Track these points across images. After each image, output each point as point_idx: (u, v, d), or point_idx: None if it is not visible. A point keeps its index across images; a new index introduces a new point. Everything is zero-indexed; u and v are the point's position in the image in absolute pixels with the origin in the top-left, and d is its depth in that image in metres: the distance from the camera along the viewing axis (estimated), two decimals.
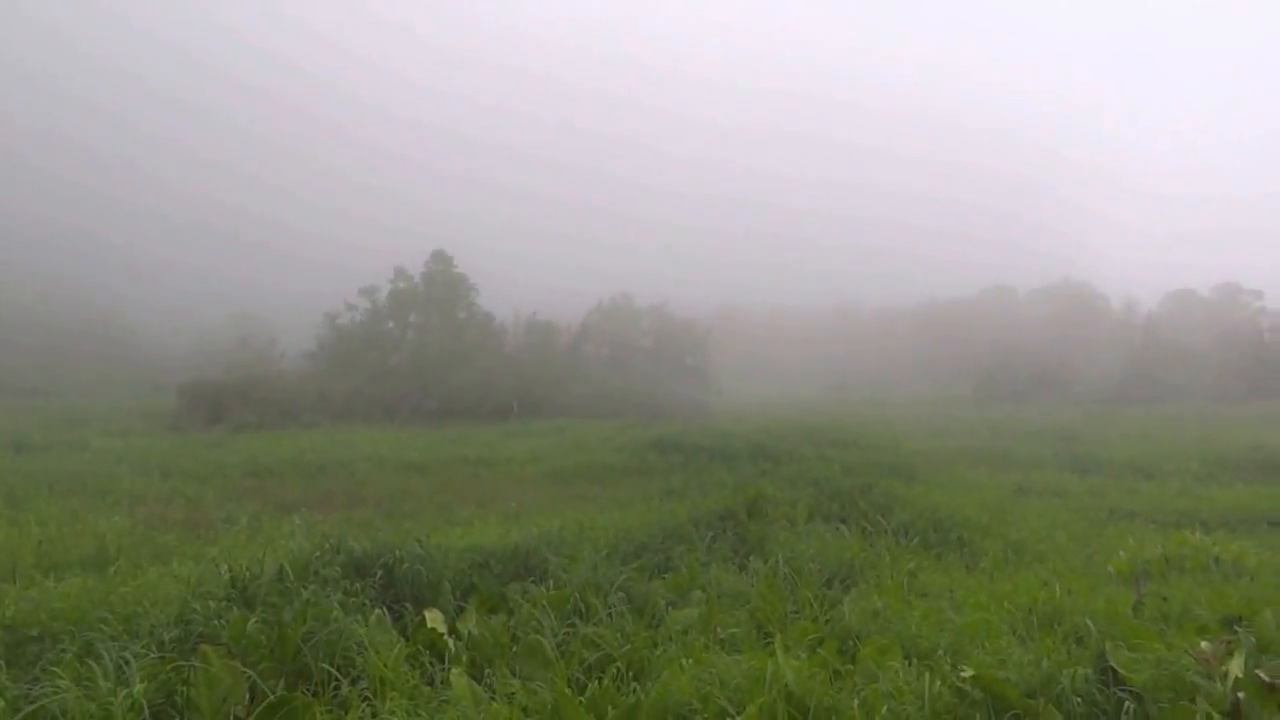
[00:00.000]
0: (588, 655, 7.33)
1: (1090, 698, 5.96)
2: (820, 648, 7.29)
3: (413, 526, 12.56)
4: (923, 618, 8.04)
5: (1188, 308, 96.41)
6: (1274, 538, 14.21)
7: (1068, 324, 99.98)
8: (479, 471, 26.33)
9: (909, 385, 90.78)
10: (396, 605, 8.55)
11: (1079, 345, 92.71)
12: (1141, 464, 27.75)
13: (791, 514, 13.44)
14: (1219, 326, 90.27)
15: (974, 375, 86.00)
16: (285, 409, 53.06)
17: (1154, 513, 17.63)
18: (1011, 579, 9.98)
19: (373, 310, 68.63)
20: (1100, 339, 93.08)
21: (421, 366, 63.12)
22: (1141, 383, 75.86)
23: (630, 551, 10.76)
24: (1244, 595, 8.61)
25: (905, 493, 16.77)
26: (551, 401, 58.98)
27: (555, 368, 68.24)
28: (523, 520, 14.52)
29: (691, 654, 7.04)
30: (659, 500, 16.97)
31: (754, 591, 9.21)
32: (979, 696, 5.95)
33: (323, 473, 25.33)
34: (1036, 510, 18.16)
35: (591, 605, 8.43)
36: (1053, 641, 6.94)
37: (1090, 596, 8.65)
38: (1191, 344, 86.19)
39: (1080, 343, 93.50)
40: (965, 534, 13.34)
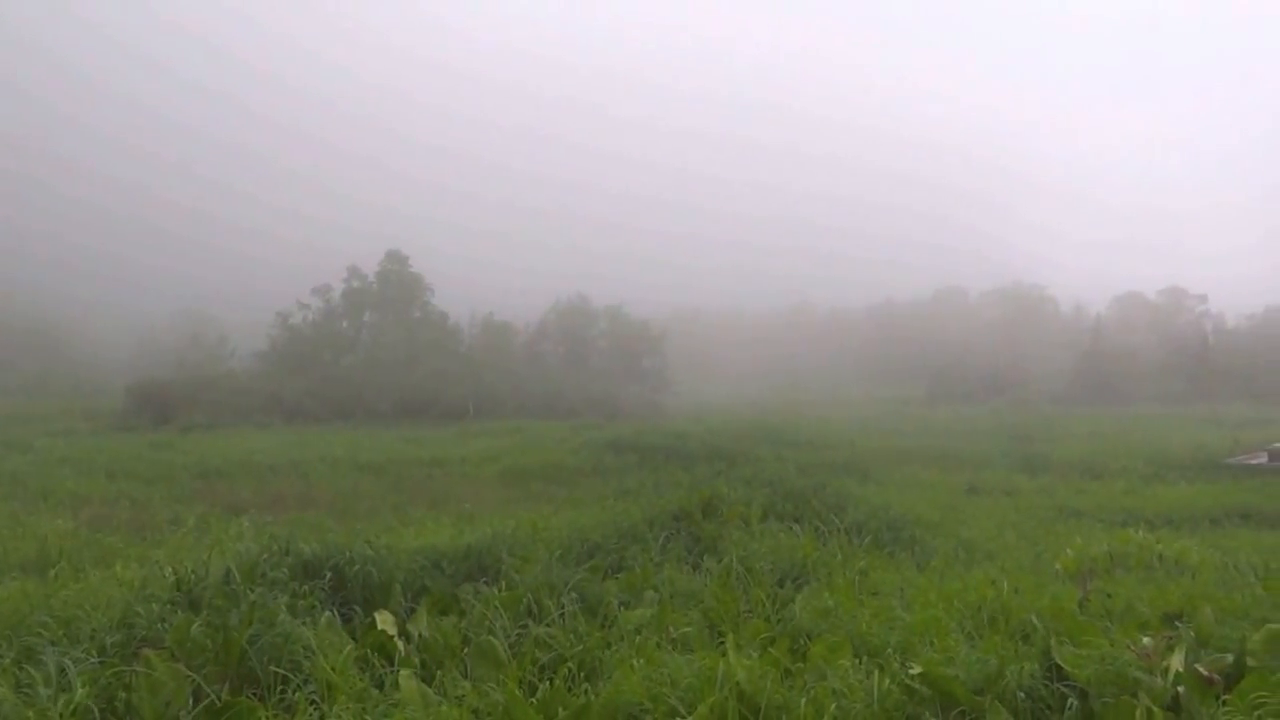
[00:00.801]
0: (540, 656, 7.31)
1: (1035, 693, 6.05)
2: (772, 647, 7.33)
3: (364, 528, 12.46)
4: (873, 616, 8.10)
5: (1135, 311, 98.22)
6: (1215, 535, 14.51)
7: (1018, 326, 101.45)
8: (433, 472, 26.16)
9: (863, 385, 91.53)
10: (346, 607, 8.46)
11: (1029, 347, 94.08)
12: (1089, 464, 28.19)
13: (746, 514, 13.47)
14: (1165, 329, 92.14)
15: (927, 376, 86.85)
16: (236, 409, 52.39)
17: (1101, 511, 17.92)
18: (961, 577, 10.08)
19: (326, 310, 68.04)
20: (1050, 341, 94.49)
21: (376, 366, 62.64)
22: (1090, 384, 77.12)
23: (584, 552, 10.73)
24: (1185, 592, 8.78)
25: (858, 492, 16.93)
26: (507, 401, 58.78)
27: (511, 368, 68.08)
28: (477, 521, 14.45)
29: (643, 654, 7.05)
30: (614, 500, 16.95)
31: (707, 591, 9.24)
32: (927, 694, 6.01)
33: (273, 474, 25.03)
34: (987, 509, 18.39)
35: (544, 606, 8.41)
36: (1000, 639, 7.02)
37: (1037, 594, 8.76)
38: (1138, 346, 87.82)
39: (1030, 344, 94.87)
40: (917, 533, 13.47)
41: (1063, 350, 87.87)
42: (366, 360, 64.83)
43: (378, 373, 61.14)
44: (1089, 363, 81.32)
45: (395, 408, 55.27)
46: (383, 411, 54.56)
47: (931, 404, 74.56)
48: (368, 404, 55.92)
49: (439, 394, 57.67)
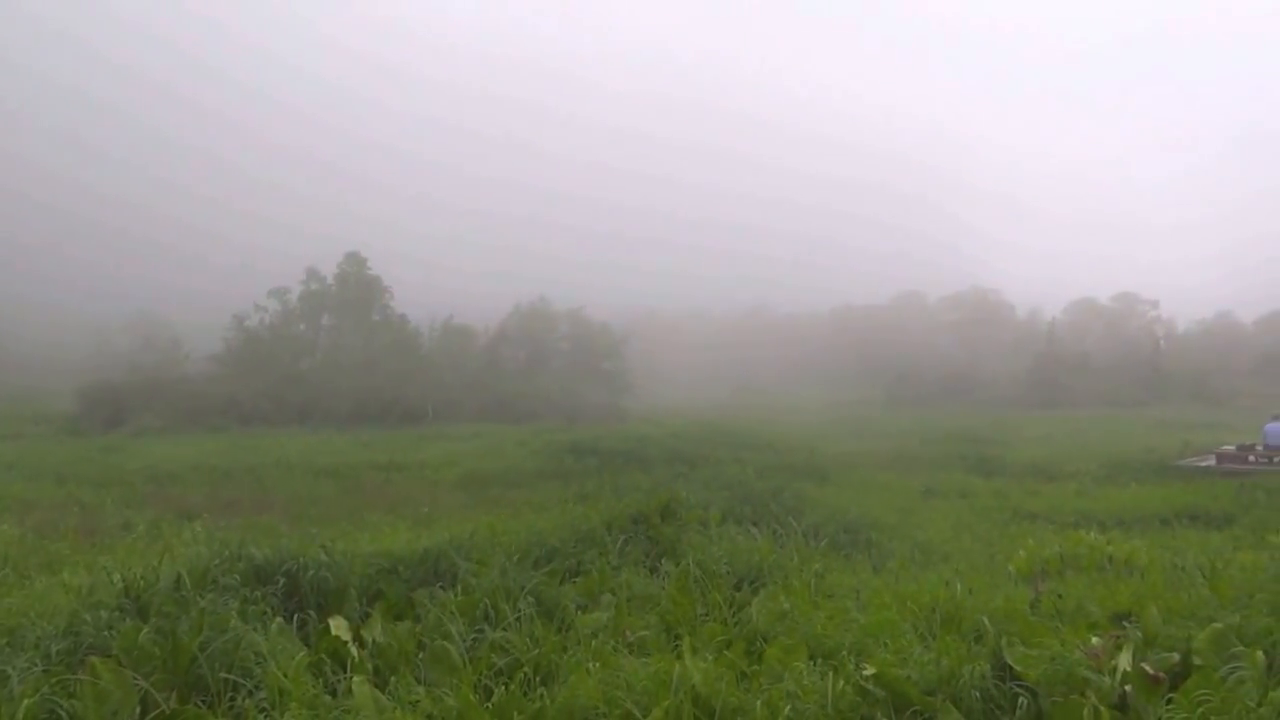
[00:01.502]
0: (496, 661, 7.27)
1: (987, 693, 6.11)
2: (728, 649, 7.35)
3: (320, 532, 12.32)
4: (829, 618, 8.14)
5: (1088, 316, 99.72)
6: (1164, 536, 14.74)
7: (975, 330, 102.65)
8: (391, 476, 25.99)
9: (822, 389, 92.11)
10: (300, 613, 8.37)
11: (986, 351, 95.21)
12: (1043, 466, 28.60)
13: (704, 517, 13.51)
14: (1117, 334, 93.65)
15: (885, 379, 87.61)
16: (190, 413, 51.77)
17: (1054, 513, 18.17)
18: (916, 579, 10.17)
19: (283, 312, 67.34)
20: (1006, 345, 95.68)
21: (334, 370, 62.10)
22: (1044, 387, 78.18)
23: (542, 556, 10.69)
24: (1134, 592, 8.91)
25: (816, 495, 17.06)
26: (467, 405, 58.54)
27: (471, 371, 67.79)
28: (434, 525, 14.35)
29: (599, 657, 7.04)
30: (573, 504, 16.92)
31: (664, 595, 9.24)
32: (880, 694, 6.05)
33: (227, 478, 24.76)
34: (943, 512, 18.59)
35: (501, 610, 8.37)
36: (953, 640, 7.08)
37: (991, 595, 8.85)
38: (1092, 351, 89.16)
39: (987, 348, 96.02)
40: (873, 535, 13.59)
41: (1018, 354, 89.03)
42: (324, 363, 64.27)
43: (335, 376, 60.61)
44: (1044, 366, 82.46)
45: (353, 411, 54.83)
46: (340, 415, 54.11)
47: (890, 407, 75.17)
48: (325, 408, 55.44)
49: (398, 398, 57.30)
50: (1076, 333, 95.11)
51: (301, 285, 68.09)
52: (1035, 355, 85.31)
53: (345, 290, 67.56)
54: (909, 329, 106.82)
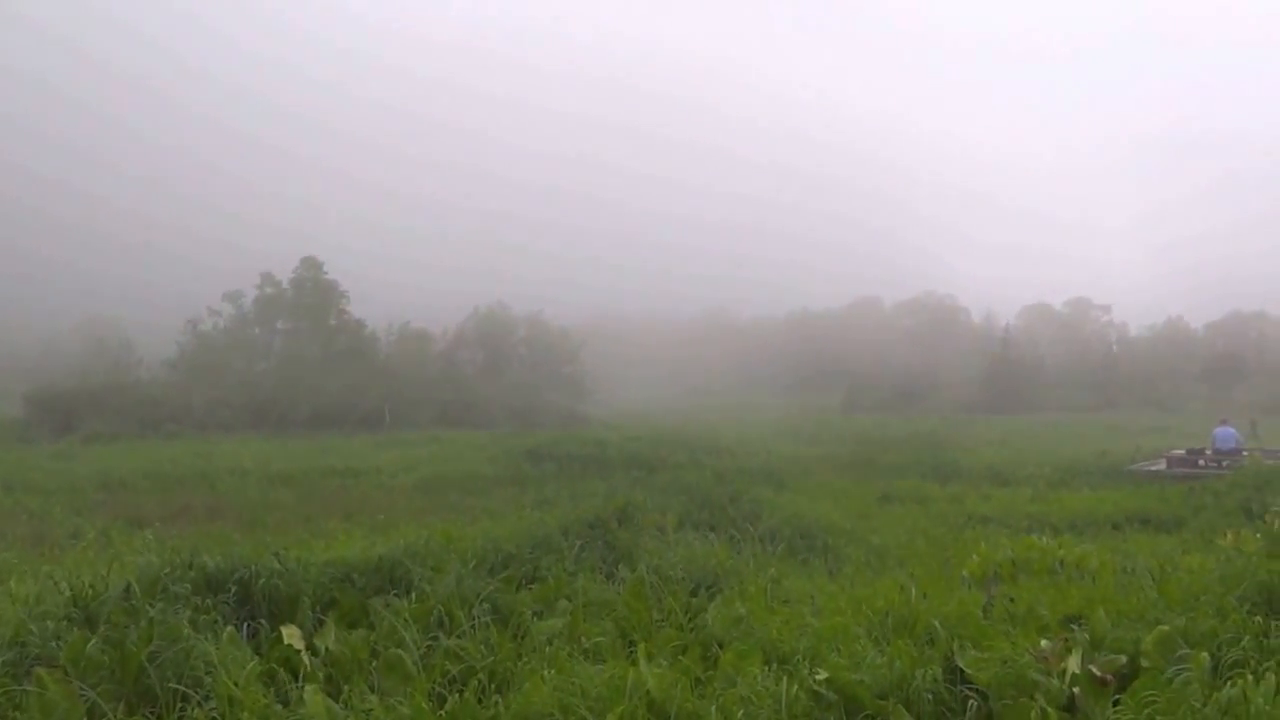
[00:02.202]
0: (450, 668, 7.23)
1: (939, 696, 6.16)
2: (683, 655, 7.36)
3: (273, 540, 12.19)
4: (784, 623, 8.18)
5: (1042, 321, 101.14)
6: (1116, 540, 14.96)
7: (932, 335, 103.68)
8: (347, 482, 25.80)
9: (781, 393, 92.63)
10: (252, 622, 8.27)
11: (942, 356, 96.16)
12: (998, 471, 28.93)
13: (661, 522, 13.53)
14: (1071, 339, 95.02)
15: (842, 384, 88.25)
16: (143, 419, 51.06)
17: (1008, 518, 18.38)
18: (871, 584, 10.26)
19: (238, 316, 66.63)
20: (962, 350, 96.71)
21: (289, 375, 61.48)
22: (999, 392, 79.15)
23: (498, 562, 10.64)
24: (1085, 595, 9.03)
25: (773, 500, 17.11)
26: (425, 410, 58.22)
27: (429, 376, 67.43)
28: (390, 532, 14.24)
29: (554, 664, 7.02)
30: (530, 510, 16.89)
31: (620, 600, 9.23)
32: (833, 699, 6.09)
33: (181, 485, 24.44)
34: (898, 516, 18.74)
35: (456, 617, 8.32)
36: (906, 644, 7.13)
37: (944, 599, 8.92)
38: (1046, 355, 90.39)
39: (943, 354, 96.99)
40: (830, 540, 13.68)
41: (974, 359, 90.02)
42: (279, 369, 63.62)
43: (291, 382, 60.03)
44: (998, 372, 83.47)
45: (309, 417, 54.32)
46: (296, 421, 53.59)
47: (847, 412, 75.76)
48: (281, 414, 54.88)
49: (354, 403, 56.88)
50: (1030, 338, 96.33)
51: (256, 289, 67.40)
52: (990, 360, 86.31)
53: (301, 295, 66.95)
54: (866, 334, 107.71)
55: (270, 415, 54.72)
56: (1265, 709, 5.52)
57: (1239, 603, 7.55)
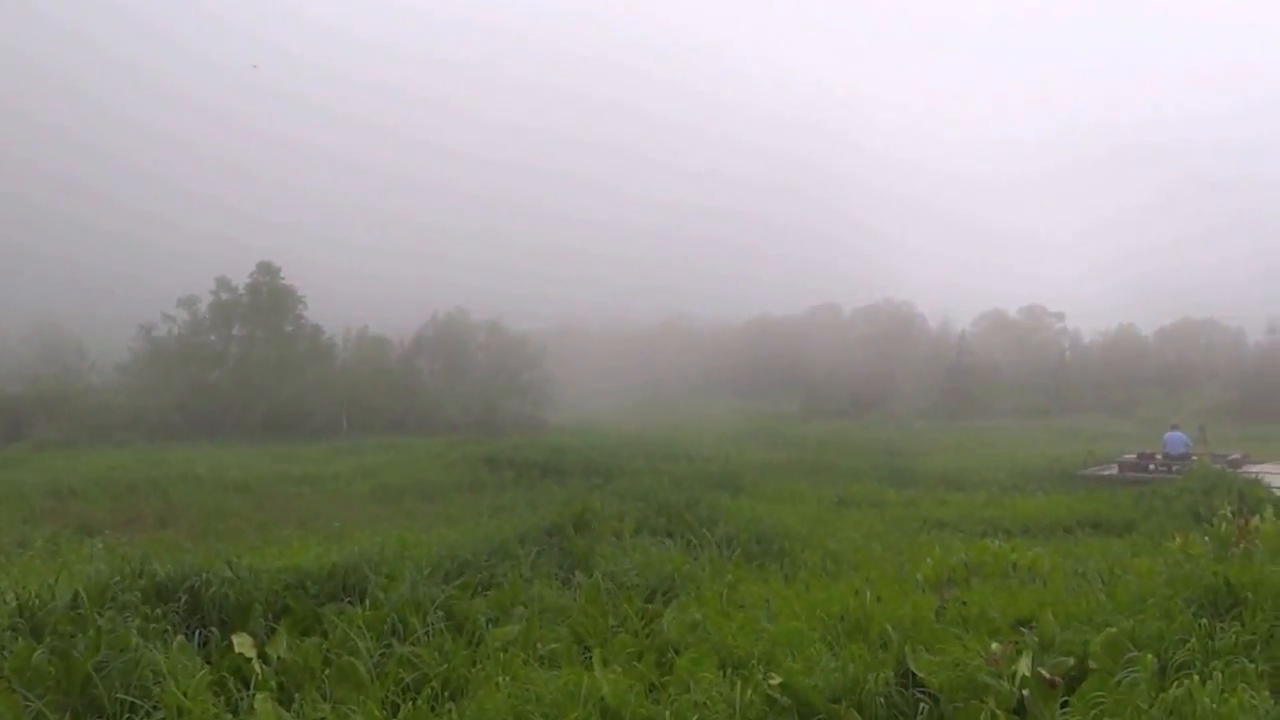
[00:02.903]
0: (404, 676, 7.17)
1: (891, 700, 6.21)
2: (639, 661, 7.36)
3: (226, 547, 12.04)
4: (740, 628, 8.20)
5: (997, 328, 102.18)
6: (1067, 544, 15.14)
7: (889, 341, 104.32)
8: (303, 490, 25.54)
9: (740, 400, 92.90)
10: (202, 630, 8.16)
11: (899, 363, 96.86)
12: (953, 476, 29.20)
13: (619, 528, 13.52)
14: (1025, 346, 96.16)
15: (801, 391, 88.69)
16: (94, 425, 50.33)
17: (962, 522, 18.55)
18: (826, 588, 10.31)
19: (192, 322, 65.62)
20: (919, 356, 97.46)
21: (245, 381, 60.74)
22: (955, 398, 79.97)
23: (454, 569, 10.58)
24: (1036, 598, 9.14)
25: (730, 505, 17.15)
26: (383, 417, 57.86)
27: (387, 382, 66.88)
28: (345, 539, 14.11)
29: (509, 671, 6.99)
30: (488, 517, 16.82)
31: (576, 607, 9.22)
32: (787, 703, 6.12)
33: (132, 492, 24.06)
34: (855, 521, 18.85)
35: (410, 625, 8.26)
36: (859, 648, 7.18)
37: (899, 603, 8.99)
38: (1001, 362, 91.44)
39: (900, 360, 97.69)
40: (786, 545, 13.71)
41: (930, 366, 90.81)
42: (235, 375, 62.76)
43: (247, 388, 59.35)
44: (954, 378, 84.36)
45: (265, 424, 53.78)
46: (252, 428, 53.04)
47: (805, 418, 76.10)
48: (236, 420, 54.29)
49: (311, 410, 56.39)
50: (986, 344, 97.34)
51: (211, 295, 66.47)
52: (946, 367, 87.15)
53: (257, 300, 66.10)
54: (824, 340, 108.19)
55: (225, 422, 54.11)
56: (1211, 709, 5.62)
57: (1186, 605, 7.68)
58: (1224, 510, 12.40)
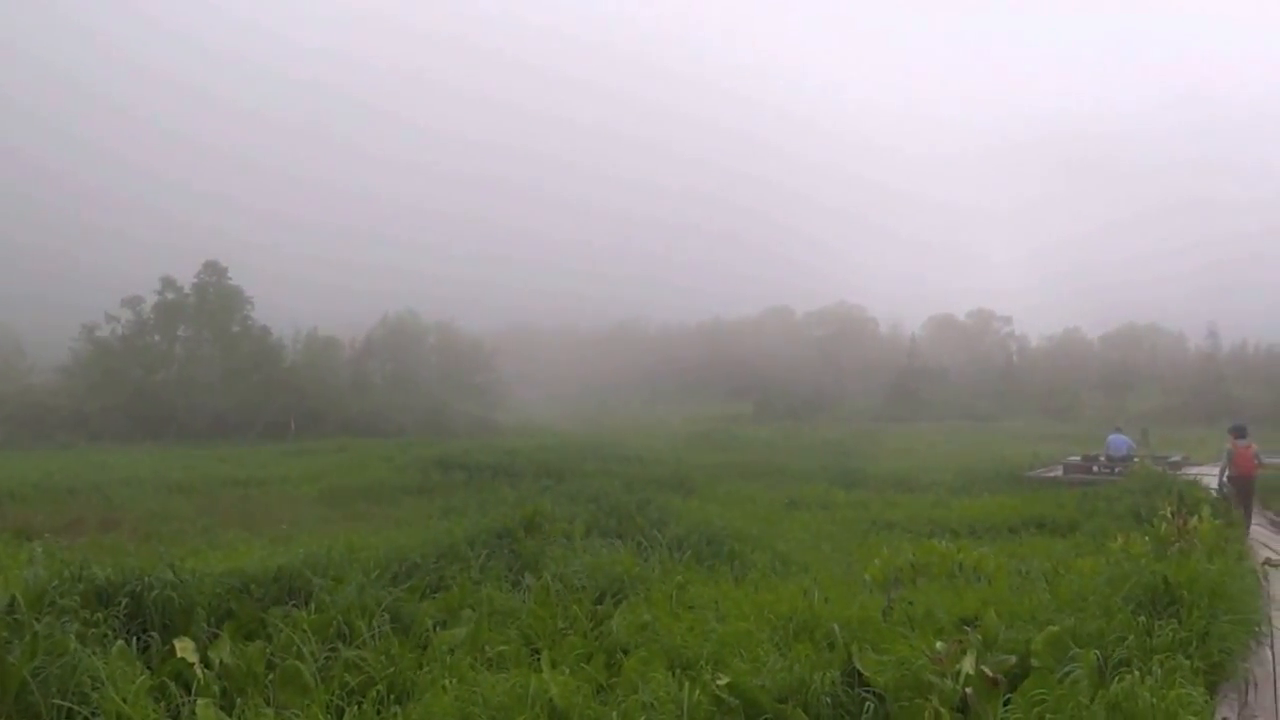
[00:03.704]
0: (349, 680, 7.10)
1: (837, 699, 6.25)
2: (587, 663, 7.34)
3: (169, 551, 11.83)
4: (689, 629, 8.21)
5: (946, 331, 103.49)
6: (1012, 544, 15.37)
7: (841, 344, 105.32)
8: (249, 492, 25.18)
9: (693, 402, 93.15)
10: (143, 635, 8.00)
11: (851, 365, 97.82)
12: (902, 478, 29.52)
13: (569, 530, 13.48)
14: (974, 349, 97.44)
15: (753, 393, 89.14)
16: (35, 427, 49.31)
17: (910, 523, 18.75)
18: (775, 589, 10.35)
19: (137, 323, 64.48)
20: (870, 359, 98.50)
21: (191, 383, 59.82)
22: (905, 401, 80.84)
23: (402, 572, 10.49)
24: (981, 598, 9.26)
25: (681, 507, 17.17)
26: (332, 419, 57.25)
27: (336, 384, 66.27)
28: (292, 542, 13.93)
29: (456, 673, 6.94)
30: (438, 519, 16.70)
31: (525, 609, 9.19)
32: (734, 703, 6.13)
33: (73, 496, 23.56)
34: (804, 522, 18.98)
35: (356, 628, 8.18)
36: (807, 648, 7.23)
37: (846, 604, 9.06)
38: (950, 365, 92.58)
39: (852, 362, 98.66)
40: (736, 546, 13.75)
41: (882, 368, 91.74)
42: (180, 376, 61.79)
43: (192, 390, 58.44)
44: (905, 381, 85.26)
45: (211, 426, 52.99)
46: (197, 430, 52.24)
47: (758, 420, 76.50)
48: (181, 422, 53.44)
49: (259, 412, 55.65)
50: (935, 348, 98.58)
51: (156, 295, 65.34)
52: (897, 370, 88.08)
53: (203, 300, 65.12)
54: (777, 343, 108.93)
55: (170, 425, 53.25)
56: (1148, 703, 5.72)
57: (1125, 603, 7.81)
58: (1164, 511, 12.64)
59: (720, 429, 62.33)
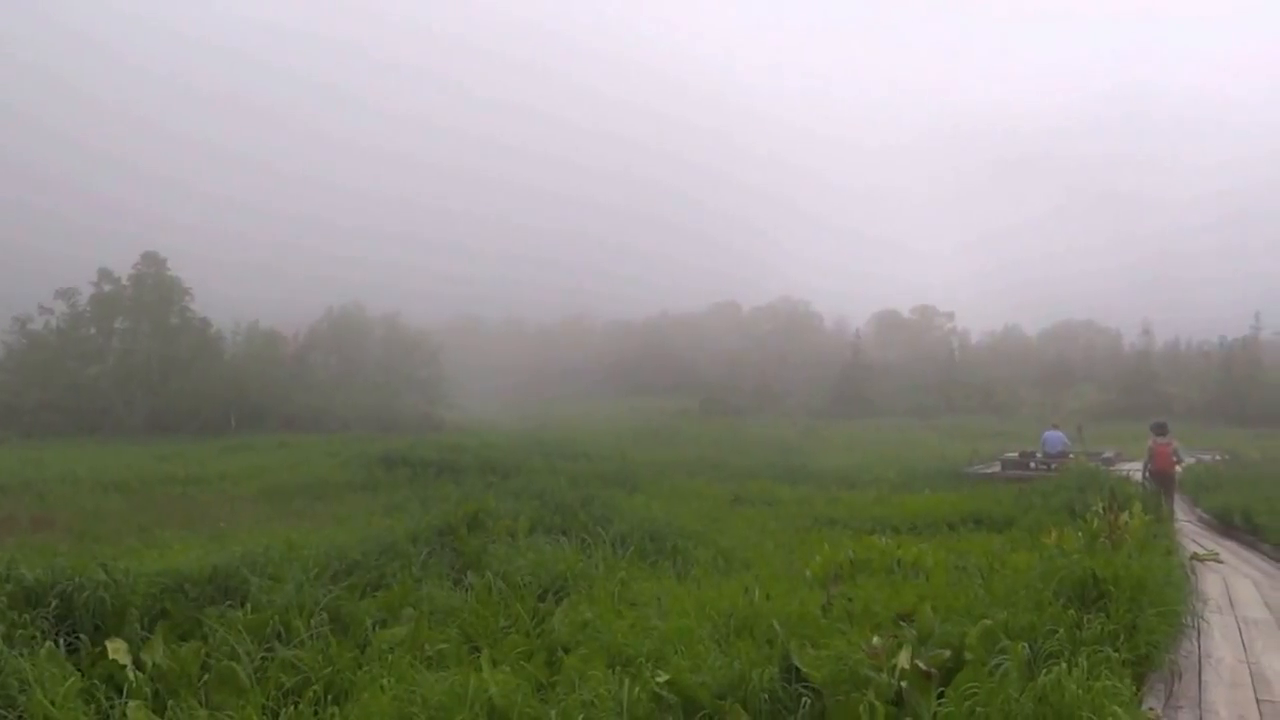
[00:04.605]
0: (285, 680, 7.03)
1: (775, 695, 6.31)
2: (528, 661, 7.34)
3: (102, 550, 11.62)
4: (630, 626, 8.23)
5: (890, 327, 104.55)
6: (951, 539, 15.57)
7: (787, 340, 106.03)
8: (188, 490, 24.77)
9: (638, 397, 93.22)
10: (73, 637, 7.86)
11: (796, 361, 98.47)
12: (845, 474, 29.82)
13: (513, 527, 13.44)
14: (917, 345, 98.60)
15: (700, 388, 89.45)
16: None
17: (852, 519, 18.93)
18: (717, 585, 10.40)
19: (72, 315, 63.07)
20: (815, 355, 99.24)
21: (128, 377, 58.66)
22: (850, 398, 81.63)
23: (342, 570, 10.39)
24: (918, 593, 9.38)
25: (626, 503, 17.17)
26: (274, 414, 56.52)
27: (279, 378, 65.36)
28: (230, 541, 13.73)
29: (395, 673, 6.90)
30: (380, 516, 16.56)
31: (466, 607, 9.15)
32: (673, 700, 6.16)
33: (3, 494, 23.07)
34: (748, 519, 19.08)
35: (294, 628, 8.09)
36: (747, 644, 7.28)
37: (787, 600, 9.13)
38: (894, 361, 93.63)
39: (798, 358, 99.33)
40: (679, 543, 13.79)
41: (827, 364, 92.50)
42: (117, 370, 60.56)
43: (129, 384, 57.33)
44: (849, 377, 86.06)
45: (148, 421, 52.05)
46: (134, 425, 51.27)
47: (704, 415, 76.79)
48: (117, 417, 52.43)
49: (198, 407, 54.75)
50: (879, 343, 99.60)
51: (92, 286, 63.93)
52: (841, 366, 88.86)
53: (142, 293, 63.81)
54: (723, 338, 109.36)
55: (106, 420, 52.23)
56: (1076, 695, 5.85)
57: (1055, 597, 7.98)
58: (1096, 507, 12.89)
59: (666, 425, 62.50)
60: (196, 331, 64.54)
